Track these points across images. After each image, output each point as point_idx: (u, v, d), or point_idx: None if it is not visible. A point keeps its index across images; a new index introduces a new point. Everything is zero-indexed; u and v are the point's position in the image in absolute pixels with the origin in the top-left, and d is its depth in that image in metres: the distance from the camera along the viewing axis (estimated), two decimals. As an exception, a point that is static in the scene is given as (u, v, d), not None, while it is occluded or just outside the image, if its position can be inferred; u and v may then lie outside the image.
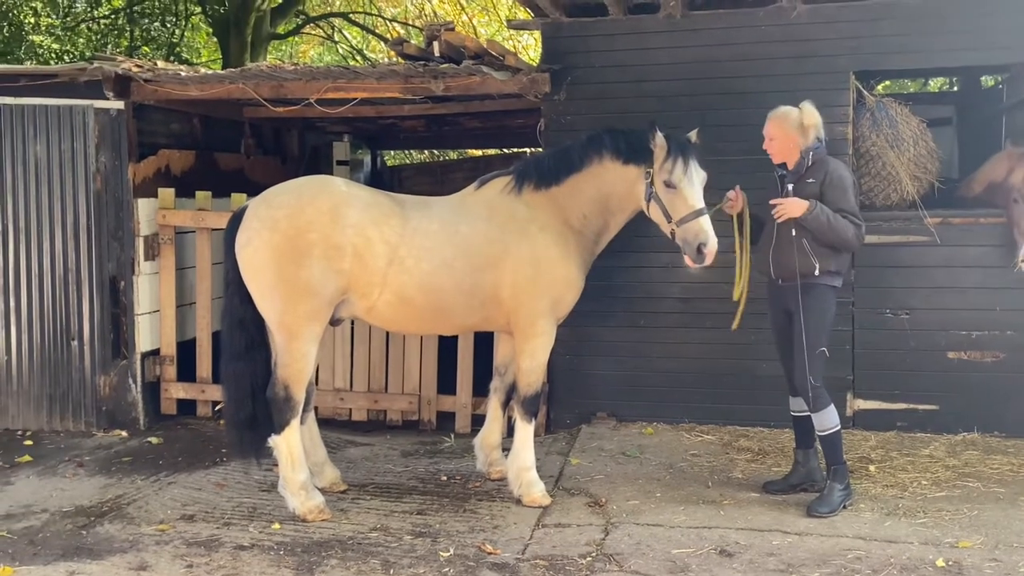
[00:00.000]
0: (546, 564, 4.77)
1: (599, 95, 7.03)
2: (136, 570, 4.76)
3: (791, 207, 5.28)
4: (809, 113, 5.44)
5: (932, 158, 6.80)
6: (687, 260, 5.46)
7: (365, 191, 5.64)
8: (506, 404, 6.17)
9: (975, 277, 6.62)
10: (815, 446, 5.72)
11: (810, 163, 5.43)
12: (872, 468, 6.04)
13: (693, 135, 5.65)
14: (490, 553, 4.90)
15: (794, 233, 5.35)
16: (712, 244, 5.36)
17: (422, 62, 6.84)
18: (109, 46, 16.59)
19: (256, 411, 5.55)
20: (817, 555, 4.80)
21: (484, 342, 6.94)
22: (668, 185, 5.44)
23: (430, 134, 11.47)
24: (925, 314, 6.70)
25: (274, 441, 5.47)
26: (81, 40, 17.57)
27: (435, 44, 6.52)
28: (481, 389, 6.79)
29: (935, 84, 12.68)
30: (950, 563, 4.65)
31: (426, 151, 16.94)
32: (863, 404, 6.82)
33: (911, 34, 6.65)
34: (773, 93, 6.70)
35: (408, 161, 17.52)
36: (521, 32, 16.99)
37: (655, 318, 7.08)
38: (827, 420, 5.41)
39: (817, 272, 5.35)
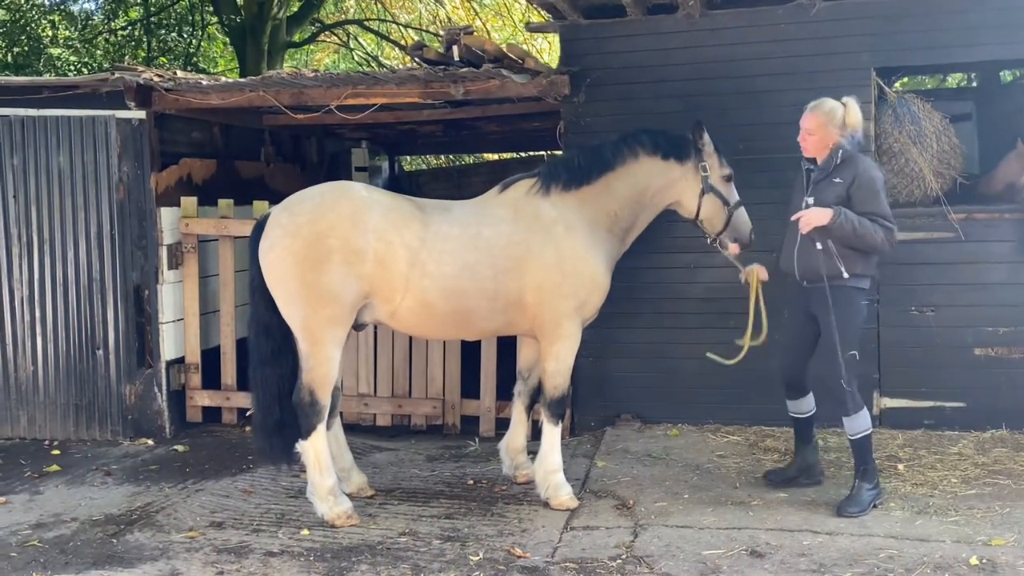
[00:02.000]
0: (576, 567, 4.76)
1: (618, 96, 7.02)
2: (167, 577, 4.79)
3: (814, 218, 5.19)
4: (853, 112, 5.35)
5: (955, 154, 6.77)
6: (735, 248, 5.84)
7: (386, 196, 5.65)
8: (530, 408, 6.18)
9: (1001, 273, 6.58)
10: (814, 441, 5.78)
11: (839, 161, 5.32)
12: (901, 467, 6.00)
13: None
14: (520, 557, 4.90)
15: (819, 235, 5.25)
16: None
17: (442, 66, 6.85)
18: (126, 57, 16.69)
19: (284, 416, 5.57)
20: (848, 555, 4.76)
21: (507, 346, 6.94)
22: (729, 179, 5.86)
23: (447, 139, 11.50)
24: (951, 311, 6.66)
25: (301, 446, 5.48)
26: (99, 52, 17.71)
27: (455, 48, 6.54)
28: (505, 393, 6.78)
29: (953, 80, 12.60)
30: (984, 561, 4.61)
31: (443, 156, 16.95)
32: (890, 402, 6.78)
33: (931, 29, 6.62)
34: (793, 91, 6.70)
35: (425, 166, 17.55)
36: (535, 36, 17.03)
37: (679, 319, 7.06)
38: (859, 424, 5.35)
39: (845, 275, 5.26)
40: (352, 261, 5.34)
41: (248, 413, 7.16)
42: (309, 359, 5.43)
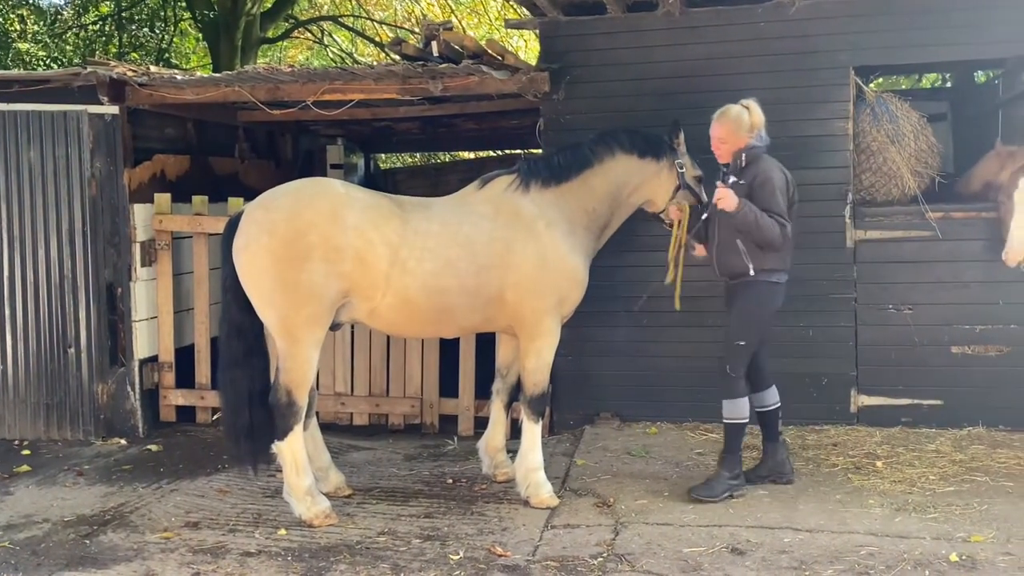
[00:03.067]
0: (557, 565, 4.73)
1: (598, 94, 7.00)
2: (142, 579, 4.71)
3: (728, 199, 5.36)
4: (756, 112, 5.55)
5: (932, 153, 6.81)
6: (703, 250, 5.85)
7: (364, 192, 5.59)
8: (509, 406, 6.16)
9: (978, 271, 6.62)
10: (781, 438, 5.86)
11: (743, 164, 5.52)
12: (879, 464, 6.02)
13: None
14: (500, 555, 4.86)
15: (729, 234, 5.48)
16: None
17: (420, 62, 6.80)
18: (97, 53, 16.45)
19: (255, 419, 5.48)
20: (829, 552, 4.77)
21: (485, 344, 6.90)
22: (699, 181, 5.99)
23: (424, 136, 11.42)
24: (928, 309, 6.69)
25: (277, 447, 5.41)
26: (68, 47, 17.45)
27: (433, 44, 6.48)
28: (483, 391, 6.74)
29: (928, 80, 12.70)
30: (964, 557, 4.63)
31: (418, 154, 16.88)
32: (867, 400, 6.80)
33: (910, 29, 6.64)
34: (773, 90, 6.72)
35: (401, 164, 17.47)
36: (511, 34, 16.99)
37: (657, 317, 7.03)
38: (733, 410, 5.58)
39: (752, 272, 5.48)
40: (332, 259, 5.26)
41: (216, 415, 7.08)
42: (287, 359, 5.36)
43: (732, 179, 5.53)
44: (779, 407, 5.79)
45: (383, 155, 15.84)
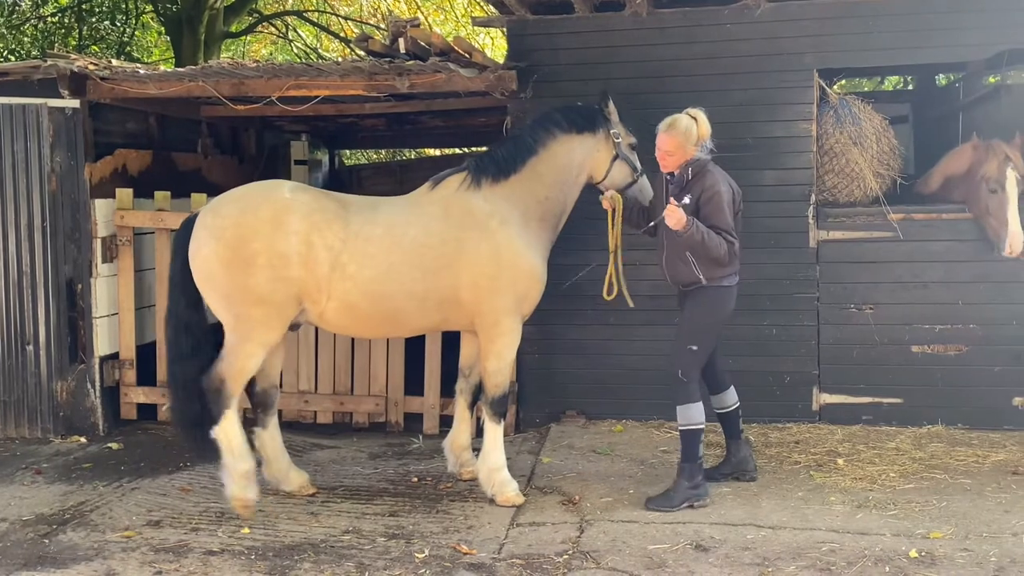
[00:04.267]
0: (523, 563, 4.73)
1: (566, 93, 6.96)
2: (103, 578, 4.65)
3: (675, 218, 5.26)
4: (704, 124, 5.50)
5: (894, 155, 6.91)
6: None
7: (310, 196, 5.55)
8: (473, 404, 6.14)
9: (938, 272, 6.72)
10: (743, 436, 5.89)
11: (690, 177, 5.47)
12: (840, 461, 6.09)
13: None
14: (466, 553, 4.86)
15: (678, 245, 5.43)
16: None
17: (387, 59, 6.76)
18: (56, 45, 16.18)
19: (204, 408, 5.49)
20: (791, 548, 4.82)
21: (452, 341, 6.88)
22: (633, 148, 5.95)
23: (390, 133, 11.38)
24: (889, 309, 6.78)
25: (215, 433, 5.42)
26: (26, 39, 17.15)
27: (400, 41, 6.44)
28: (449, 390, 6.71)
29: (890, 83, 12.88)
30: (923, 554, 4.70)
31: (384, 151, 16.80)
32: (828, 398, 6.88)
33: (874, 32, 6.71)
34: (738, 91, 6.81)
35: (367, 161, 17.37)
36: (478, 32, 16.97)
37: (623, 316, 7.02)
38: (688, 416, 5.48)
39: (703, 283, 5.46)
40: (276, 265, 5.30)
41: (164, 407, 6.99)
42: (230, 351, 5.41)
43: (686, 199, 5.42)
44: (739, 407, 5.82)
45: (348, 151, 15.74)
